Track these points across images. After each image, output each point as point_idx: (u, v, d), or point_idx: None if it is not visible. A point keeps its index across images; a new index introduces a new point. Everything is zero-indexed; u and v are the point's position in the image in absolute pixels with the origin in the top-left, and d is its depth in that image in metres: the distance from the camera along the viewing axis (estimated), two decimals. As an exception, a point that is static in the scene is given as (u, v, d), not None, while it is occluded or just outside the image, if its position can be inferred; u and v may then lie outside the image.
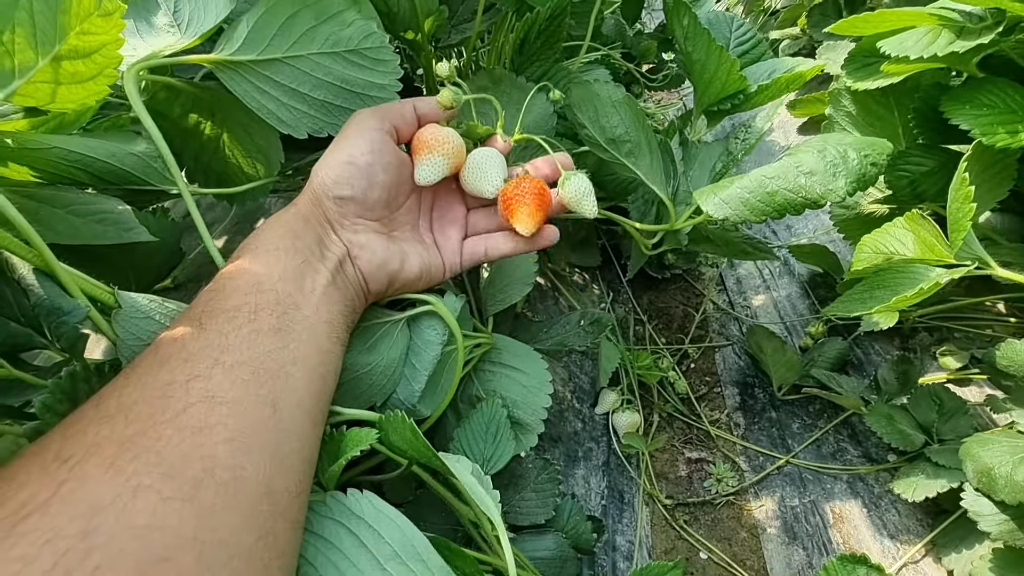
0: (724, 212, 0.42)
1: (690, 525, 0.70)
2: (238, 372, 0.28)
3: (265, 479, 0.27)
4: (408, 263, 0.41)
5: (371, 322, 0.41)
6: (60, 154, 0.40)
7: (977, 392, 0.68)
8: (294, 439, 0.29)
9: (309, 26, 0.39)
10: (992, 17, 0.44)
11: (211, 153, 0.46)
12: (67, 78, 0.31)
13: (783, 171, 0.40)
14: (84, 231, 0.36)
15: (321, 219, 0.38)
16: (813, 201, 0.39)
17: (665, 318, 0.96)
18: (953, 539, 0.56)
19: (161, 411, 0.25)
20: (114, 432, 0.24)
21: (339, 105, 0.41)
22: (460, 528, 0.47)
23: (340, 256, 0.37)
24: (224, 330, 0.29)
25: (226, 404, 0.27)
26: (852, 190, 0.39)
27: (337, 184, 0.38)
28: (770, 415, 0.79)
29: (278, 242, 0.35)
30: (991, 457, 0.44)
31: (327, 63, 0.40)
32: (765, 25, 1.44)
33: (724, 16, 0.70)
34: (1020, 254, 0.56)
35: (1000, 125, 0.43)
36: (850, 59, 0.57)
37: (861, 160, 0.38)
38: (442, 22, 0.59)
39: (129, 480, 0.23)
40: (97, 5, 0.30)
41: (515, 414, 0.49)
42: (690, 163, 0.59)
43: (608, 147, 0.53)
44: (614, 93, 0.53)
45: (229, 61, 0.38)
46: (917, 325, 0.77)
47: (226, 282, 0.32)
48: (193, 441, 0.25)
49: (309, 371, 0.32)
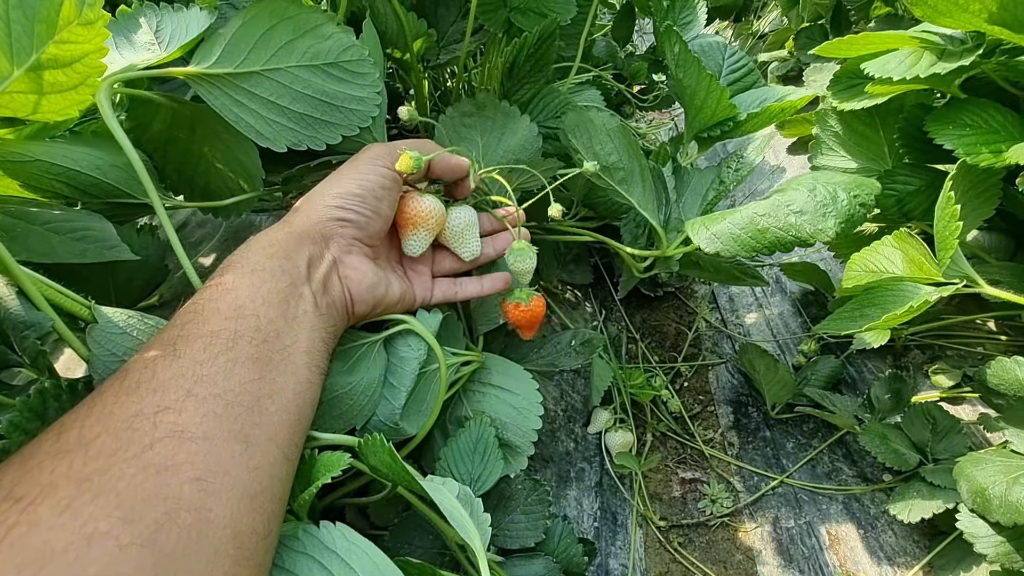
0: (715, 247, 0.43)
1: (684, 548, 0.68)
2: (211, 405, 0.27)
3: (232, 521, 0.25)
4: (391, 288, 0.41)
5: (349, 344, 0.41)
6: (42, 167, 0.40)
7: (970, 410, 0.67)
8: (265, 477, 0.28)
9: (287, 39, 0.39)
10: (972, 40, 0.45)
11: (193, 167, 0.46)
12: (48, 88, 0.31)
13: (774, 209, 0.40)
14: (62, 250, 0.36)
15: (317, 236, 0.37)
16: (802, 240, 0.39)
17: (658, 336, 0.95)
18: (951, 561, 0.55)
19: (125, 446, 0.24)
20: (72, 469, 0.23)
21: (318, 118, 0.41)
22: (447, 551, 0.45)
23: (327, 276, 0.37)
24: (200, 358, 0.28)
25: (195, 440, 0.25)
26: (841, 230, 0.40)
27: (343, 208, 0.38)
28: (764, 434, 0.78)
29: (265, 262, 0.34)
30: (985, 477, 0.44)
31: (306, 76, 0.40)
32: (754, 48, 1.47)
33: (718, 43, 0.72)
34: (1008, 272, 0.56)
35: (983, 145, 0.44)
36: (835, 80, 0.58)
37: (850, 200, 0.39)
38: (431, 43, 0.60)
39: (85, 525, 0.21)
40: (78, 14, 0.29)
41: (505, 436, 0.48)
42: (682, 190, 0.59)
43: (602, 173, 0.54)
44: (608, 121, 0.54)
45: (206, 74, 0.38)
46: (909, 343, 0.77)
47: (206, 303, 0.31)
48: (157, 481, 0.23)
49: (285, 404, 0.30)
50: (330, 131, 0.42)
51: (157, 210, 0.38)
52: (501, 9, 0.60)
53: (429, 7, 0.64)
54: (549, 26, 0.54)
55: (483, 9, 0.58)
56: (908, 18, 0.91)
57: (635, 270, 0.63)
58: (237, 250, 0.35)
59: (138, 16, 0.39)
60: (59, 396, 0.28)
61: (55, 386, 0.28)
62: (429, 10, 0.64)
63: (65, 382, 0.29)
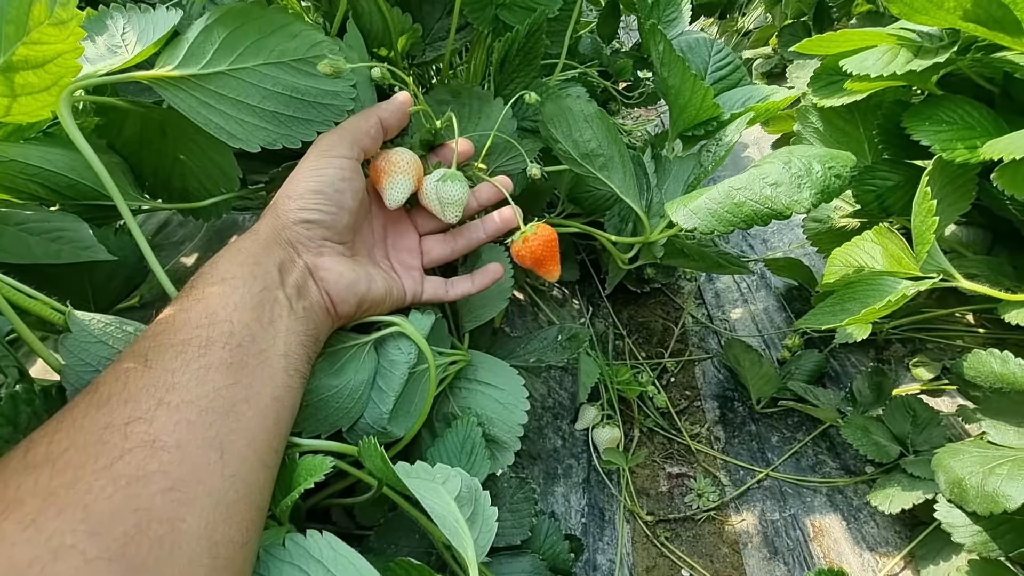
0: (693, 222, 0.42)
1: (671, 542, 0.69)
2: (183, 412, 0.26)
3: (207, 531, 0.25)
4: (374, 284, 0.41)
5: (338, 346, 0.41)
6: (17, 167, 0.39)
7: (949, 402, 0.68)
8: (241, 485, 0.27)
9: (254, 39, 0.38)
10: (948, 37, 0.46)
11: (169, 170, 0.45)
12: (19, 89, 0.30)
13: (750, 182, 0.40)
14: (37, 250, 0.35)
15: (284, 243, 0.37)
16: (779, 212, 0.39)
17: (645, 332, 0.96)
18: (931, 551, 0.56)
19: (94, 459, 0.23)
20: (38, 485, 0.22)
21: (291, 115, 0.41)
22: (434, 550, 0.45)
23: (301, 281, 0.36)
24: (171, 367, 0.27)
25: (167, 449, 0.25)
26: (817, 201, 0.39)
27: (305, 209, 0.37)
28: (750, 428, 0.79)
29: (235, 270, 0.33)
30: (962, 468, 0.45)
31: (275, 73, 0.39)
32: (739, 44, 1.48)
33: (704, 41, 0.72)
34: (985, 266, 0.57)
35: (959, 141, 0.44)
36: (816, 77, 0.58)
37: (825, 172, 0.39)
38: (416, 40, 0.60)
39: (50, 540, 0.21)
40: (48, 14, 0.28)
41: (491, 432, 0.48)
42: (663, 177, 0.59)
43: (582, 161, 0.54)
44: (586, 108, 0.53)
45: (170, 77, 0.37)
46: (891, 337, 0.78)
47: (176, 314, 0.30)
48: (127, 492, 0.23)
49: (263, 409, 0.30)
50: (304, 128, 0.41)
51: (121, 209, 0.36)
52: (488, 5, 0.60)
53: (414, 4, 0.63)
54: (538, 19, 0.54)
55: (469, 5, 0.57)
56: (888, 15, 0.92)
57: (620, 261, 0.63)
58: (207, 262, 0.34)
59: (104, 19, 0.38)
60: (31, 401, 0.27)
61: (27, 391, 0.27)
62: (414, 6, 0.64)
63: (39, 387, 0.28)
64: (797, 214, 0.40)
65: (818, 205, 0.38)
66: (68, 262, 0.37)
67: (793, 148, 0.42)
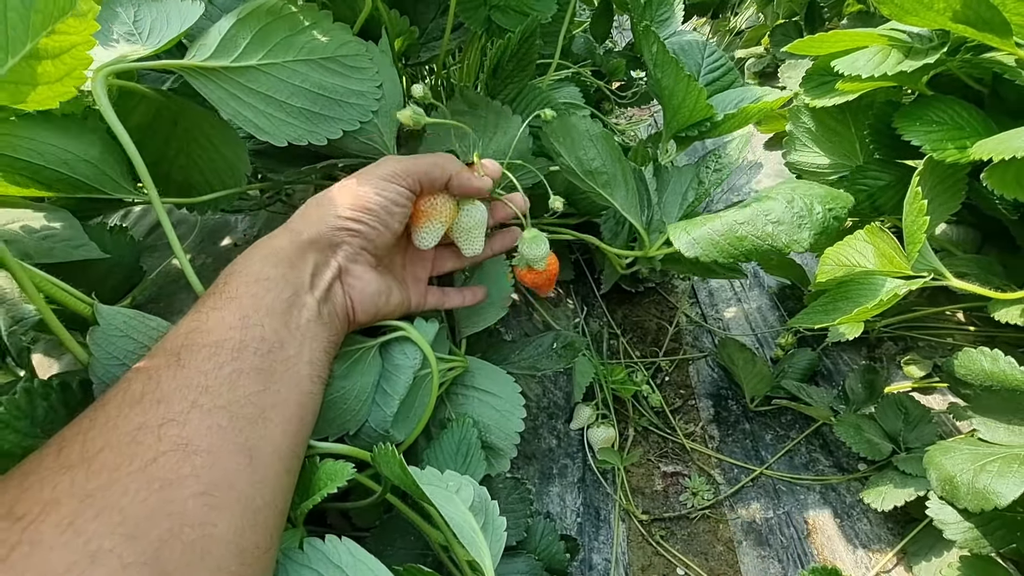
0: (695, 252, 0.44)
1: (667, 540, 0.69)
2: (215, 417, 0.26)
3: (235, 536, 0.25)
4: (392, 296, 0.42)
5: (344, 348, 0.41)
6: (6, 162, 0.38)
7: (941, 400, 0.69)
8: (268, 491, 0.27)
9: (284, 35, 0.39)
10: (938, 38, 0.46)
11: (170, 162, 0.45)
12: (40, 78, 0.30)
13: (752, 218, 0.42)
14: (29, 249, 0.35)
15: (324, 246, 0.37)
16: (778, 249, 0.41)
17: (639, 331, 0.96)
18: (923, 547, 0.57)
19: (129, 460, 0.23)
20: (75, 486, 0.22)
21: (318, 112, 0.41)
22: (430, 552, 0.46)
23: (330, 283, 0.37)
24: (204, 368, 0.27)
25: (200, 454, 0.25)
26: (814, 241, 0.41)
27: (356, 221, 0.38)
28: (744, 427, 0.80)
29: (269, 271, 0.33)
30: (953, 465, 0.45)
31: (304, 70, 0.40)
32: (731, 44, 1.48)
33: (697, 43, 0.72)
34: (975, 264, 0.57)
35: (949, 141, 0.45)
36: (807, 78, 0.59)
37: (825, 213, 0.41)
38: (412, 41, 0.60)
39: (88, 543, 0.21)
40: (72, 5, 0.29)
41: (487, 438, 0.48)
42: (663, 190, 0.60)
43: (585, 178, 0.55)
44: (591, 127, 0.54)
45: (202, 67, 0.38)
46: (883, 335, 0.78)
47: (209, 312, 0.30)
48: (161, 496, 0.23)
49: (288, 416, 0.30)
50: (330, 125, 0.41)
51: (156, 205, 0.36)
52: (481, 7, 0.60)
53: (409, 4, 0.63)
54: (531, 24, 0.54)
55: (463, 7, 0.58)
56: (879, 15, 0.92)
57: (618, 267, 0.63)
58: (238, 257, 0.34)
59: (115, 6, 0.38)
60: (48, 395, 0.27)
61: (43, 384, 0.27)
62: (408, 7, 0.64)
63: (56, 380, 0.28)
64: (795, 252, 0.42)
65: (815, 245, 0.40)
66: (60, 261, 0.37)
67: (797, 185, 0.44)
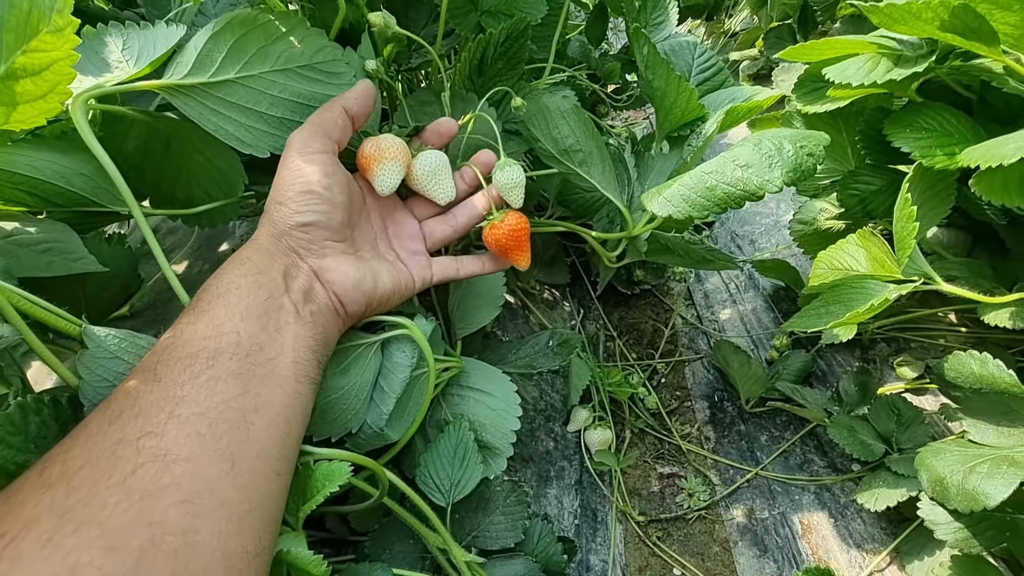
0: (667, 209, 0.42)
1: (663, 541, 0.70)
2: (194, 425, 0.26)
3: (220, 543, 0.25)
4: (381, 280, 0.40)
5: (345, 344, 0.41)
6: (4, 176, 0.39)
7: (933, 401, 0.70)
8: (254, 495, 0.27)
9: (260, 46, 0.39)
10: (927, 45, 0.47)
11: (171, 181, 0.45)
12: (19, 98, 0.30)
13: (720, 166, 0.40)
14: (27, 262, 0.35)
15: (286, 250, 0.37)
16: (751, 193, 0.38)
17: (635, 333, 0.97)
18: (915, 547, 0.58)
19: (108, 475, 0.24)
20: (54, 503, 0.22)
21: (298, 120, 0.41)
22: (428, 555, 0.46)
23: (307, 285, 0.36)
24: (180, 379, 0.28)
25: (180, 463, 0.25)
26: (789, 180, 0.38)
27: (299, 212, 0.37)
28: (739, 428, 0.80)
29: (239, 280, 0.33)
30: (943, 466, 0.46)
31: (282, 80, 0.40)
32: (725, 46, 1.49)
33: (687, 43, 0.73)
34: (965, 268, 0.58)
35: (938, 147, 0.45)
36: (800, 84, 0.59)
37: (797, 151, 0.38)
38: (402, 47, 0.60)
39: (67, 557, 0.21)
40: (47, 22, 0.28)
41: (483, 438, 0.49)
42: (646, 173, 0.60)
43: (562, 158, 0.54)
44: (562, 104, 0.54)
45: (180, 85, 0.38)
46: (876, 336, 0.79)
47: (184, 327, 0.30)
48: (141, 507, 0.23)
49: (273, 418, 0.30)
50: None
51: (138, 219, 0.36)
52: (471, 12, 0.60)
53: (400, 11, 0.64)
54: (518, 24, 0.55)
55: (453, 13, 0.58)
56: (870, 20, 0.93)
57: (606, 259, 0.63)
58: (212, 275, 0.34)
59: (104, 36, 0.38)
60: (40, 411, 0.27)
61: (36, 400, 0.27)
62: (400, 14, 0.64)
63: (48, 396, 0.28)
64: (770, 194, 0.39)
65: (791, 184, 0.38)
66: (59, 274, 0.37)
67: (765, 131, 0.42)
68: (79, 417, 0.31)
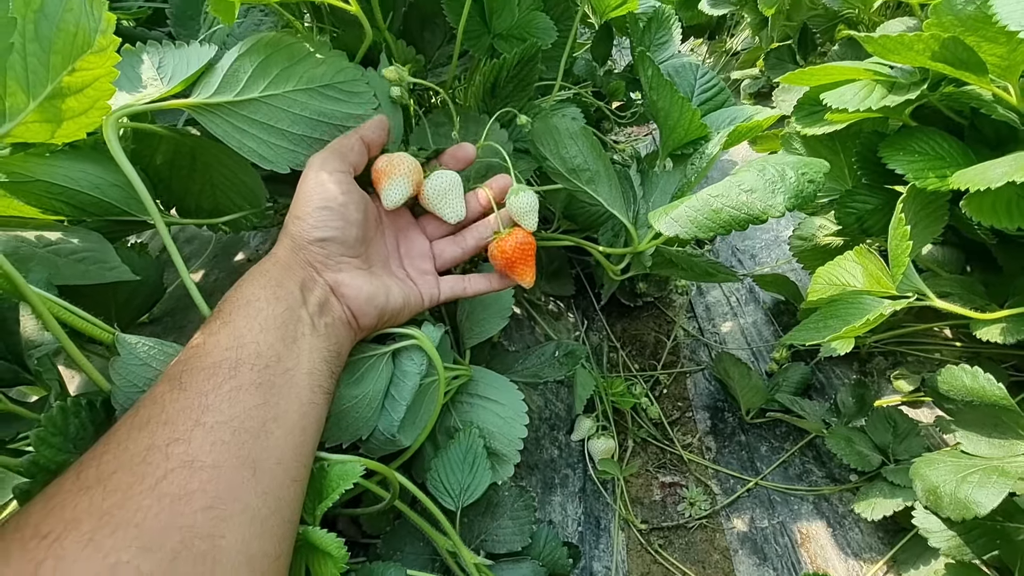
0: (674, 229, 0.44)
1: (664, 549, 0.71)
2: (218, 433, 0.28)
3: (244, 546, 0.26)
4: (392, 295, 0.42)
5: (357, 356, 0.43)
6: (43, 187, 0.41)
7: (928, 413, 0.71)
8: (273, 500, 0.29)
9: (283, 67, 0.41)
10: (920, 74, 0.49)
11: (198, 194, 0.47)
12: (64, 115, 0.32)
13: (726, 190, 0.42)
14: (66, 271, 0.37)
15: (303, 263, 0.38)
16: (755, 217, 0.40)
17: (638, 345, 0.99)
18: (911, 556, 0.59)
19: (140, 479, 0.25)
20: (92, 505, 0.24)
21: (318, 138, 0.43)
22: (438, 557, 0.47)
23: (323, 298, 0.38)
24: (204, 388, 0.29)
25: (205, 469, 0.27)
26: (791, 205, 0.40)
27: (316, 228, 0.38)
28: (739, 438, 0.82)
29: (259, 292, 0.35)
30: (937, 476, 0.47)
31: (303, 99, 0.42)
32: (727, 65, 1.52)
33: (690, 64, 0.75)
34: (958, 285, 0.60)
35: (930, 170, 0.48)
36: (799, 107, 0.62)
37: (799, 178, 0.40)
38: (419, 68, 0.62)
39: (107, 557, 0.23)
40: (91, 43, 0.30)
41: (492, 445, 0.50)
42: (651, 190, 0.62)
43: (570, 176, 0.56)
44: (571, 126, 0.56)
45: (207, 104, 0.40)
46: (873, 350, 0.81)
47: (206, 338, 0.32)
48: (172, 511, 0.25)
49: (290, 427, 0.31)
50: None
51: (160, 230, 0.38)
52: (484, 35, 0.63)
53: (416, 32, 0.66)
54: (529, 49, 0.57)
55: (468, 35, 0.60)
56: (869, 42, 0.96)
57: (611, 272, 0.65)
58: (233, 287, 0.36)
59: (141, 54, 0.40)
60: (79, 413, 0.29)
61: (75, 403, 0.29)
62: (416, 35, 0.67)
63: (84, 399, 0.30)
64: (773, 218, 0.41)
65: (793, 209, 0.40)
66: (95, 282, 0.39)
67: (768, 156, 0.44)
68: (111, 420, 0.33)
